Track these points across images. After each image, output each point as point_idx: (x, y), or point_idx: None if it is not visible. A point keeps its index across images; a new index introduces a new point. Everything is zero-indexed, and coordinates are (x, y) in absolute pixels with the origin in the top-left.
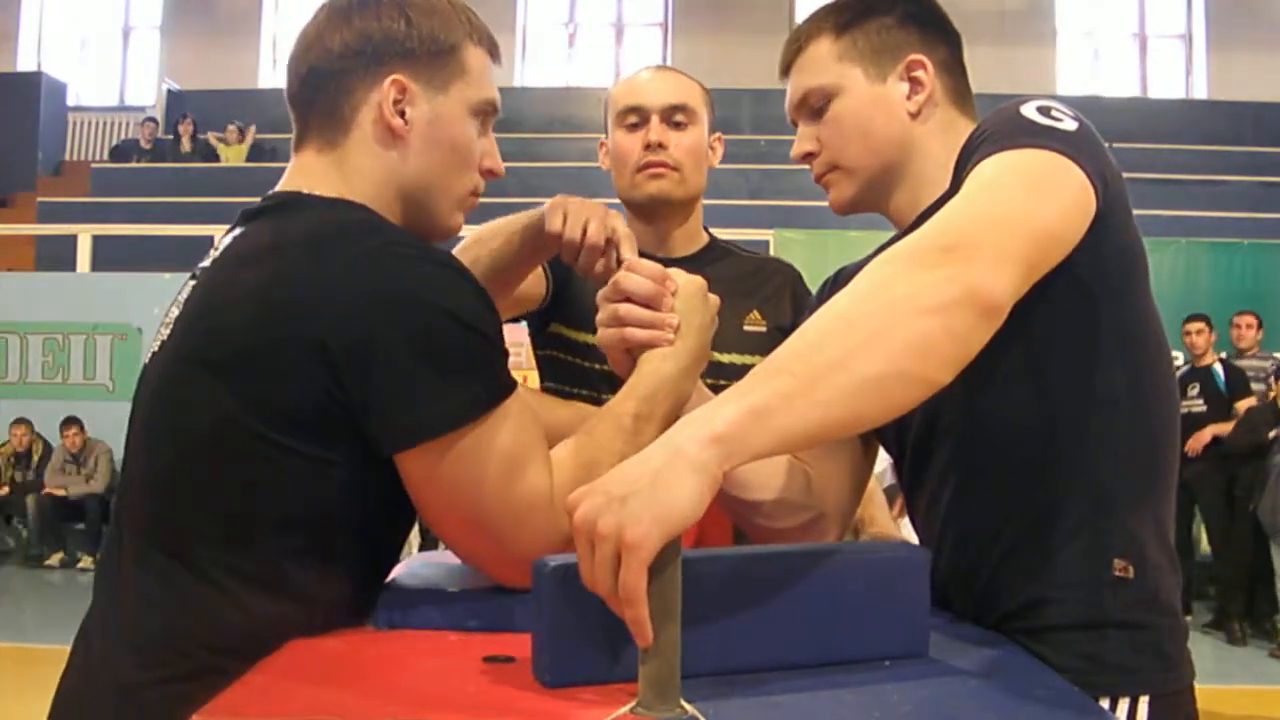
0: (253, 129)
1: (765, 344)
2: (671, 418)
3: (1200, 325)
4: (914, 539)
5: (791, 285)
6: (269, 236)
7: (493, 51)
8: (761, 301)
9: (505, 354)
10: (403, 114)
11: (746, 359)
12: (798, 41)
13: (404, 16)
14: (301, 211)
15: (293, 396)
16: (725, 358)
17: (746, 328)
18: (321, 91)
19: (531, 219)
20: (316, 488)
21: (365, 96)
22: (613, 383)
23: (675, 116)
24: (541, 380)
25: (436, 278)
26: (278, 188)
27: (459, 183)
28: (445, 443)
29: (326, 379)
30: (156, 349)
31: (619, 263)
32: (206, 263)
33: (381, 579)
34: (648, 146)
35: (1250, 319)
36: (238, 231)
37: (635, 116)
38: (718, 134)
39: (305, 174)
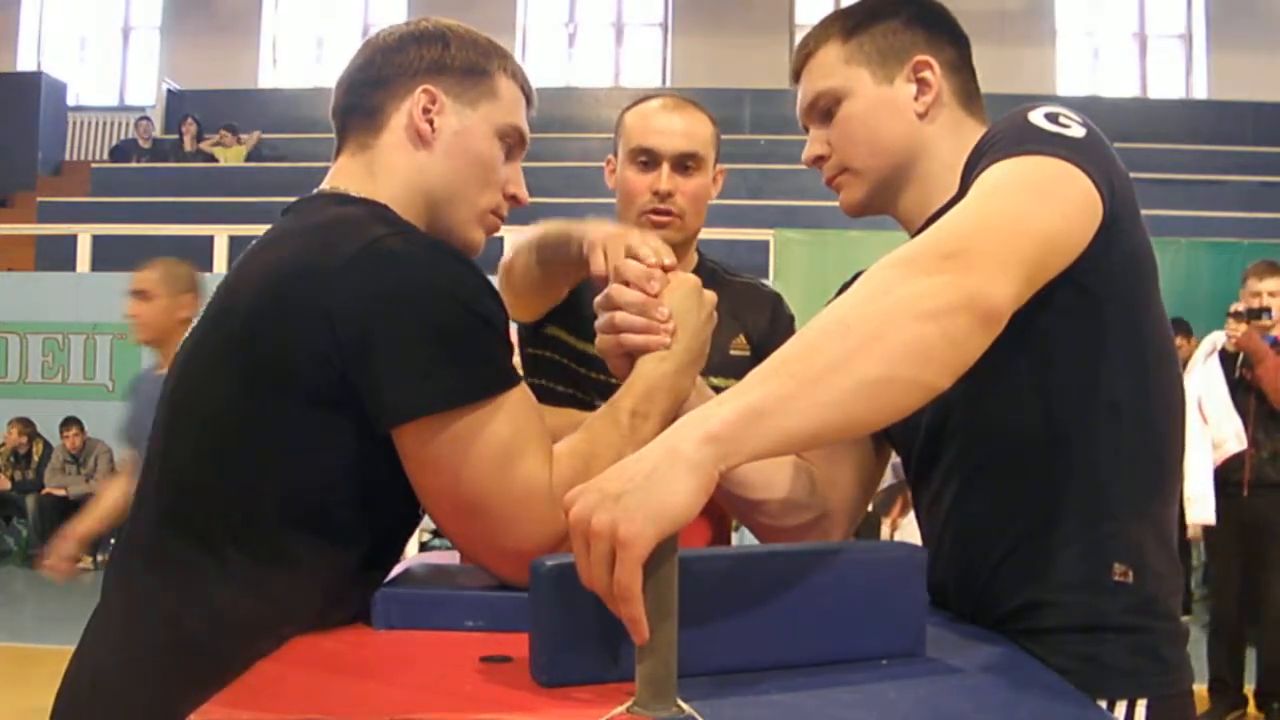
0: (257, 133)
1: (750, 368)
2: (669, 416)
3: (1179, 340)
4: (917, 538)
5: (772, 307)
6: (288, 227)
7: (526, 92)
8: (748, 327)
9: (510, 347)
10: (431, 122)
11: (732, 384)
12: (807, 47)
13: (444, 43)
14: (324, 205)
15: (298, 372)
16: (712, 381)
17: (733, 352)
18: (360, 99)
19: (575, 237)
20: (319, 467)
21: (399, 104)
22: (605, 393)
23: (686, 162)
24: (526, 375)
25: (445, 265)
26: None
27: (480, 197)
28: (441, 421)
29: (331, 354)
30: (186, 336)
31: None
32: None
33: (386, 569)
34: (655, 193)
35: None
36: (270, 227)
37: (646, 157)
38: (720, 167)
39: (338, 174)
